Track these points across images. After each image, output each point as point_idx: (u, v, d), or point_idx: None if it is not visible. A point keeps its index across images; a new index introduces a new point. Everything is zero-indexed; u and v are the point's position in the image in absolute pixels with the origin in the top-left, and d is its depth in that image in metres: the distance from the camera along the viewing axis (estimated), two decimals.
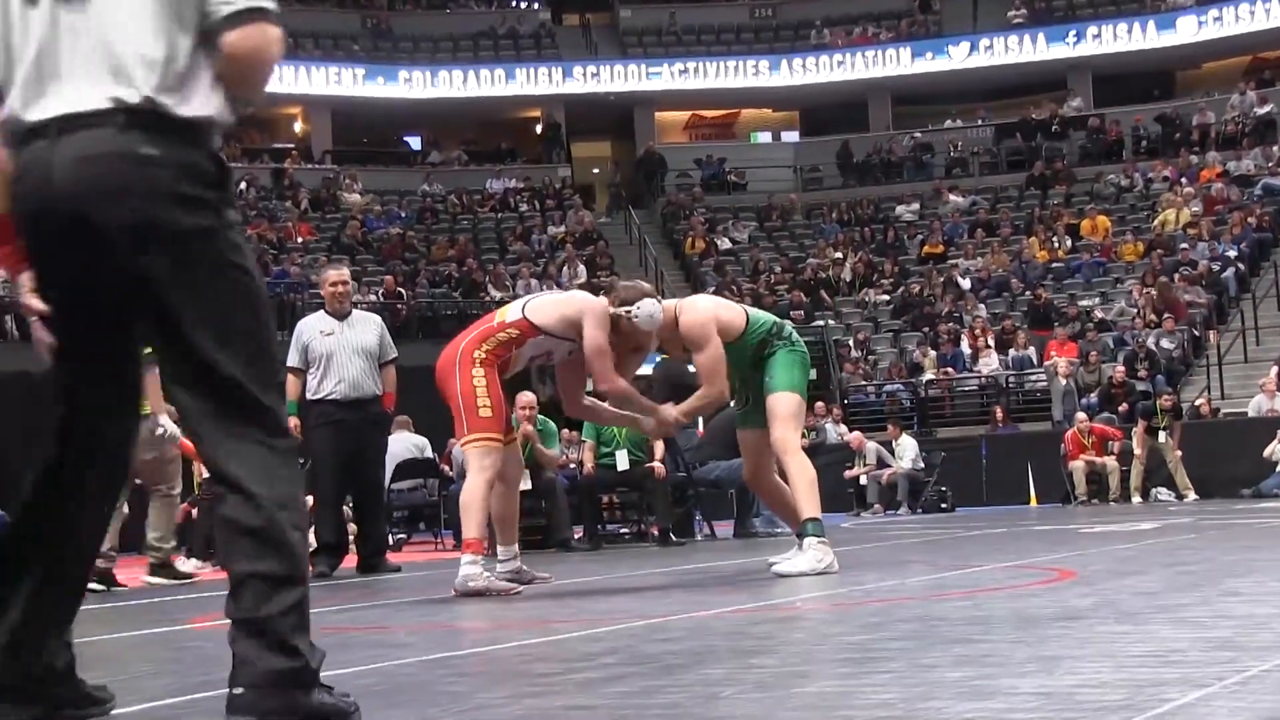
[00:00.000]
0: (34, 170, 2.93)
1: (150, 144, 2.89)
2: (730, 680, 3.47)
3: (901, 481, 19.31)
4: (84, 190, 2.87)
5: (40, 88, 2.95)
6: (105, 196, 2.86)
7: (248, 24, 2.95)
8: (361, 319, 10.09)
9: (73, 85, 2.93)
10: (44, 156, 2.91)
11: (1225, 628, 4.13)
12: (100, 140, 2.89)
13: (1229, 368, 22.27)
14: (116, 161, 2.87)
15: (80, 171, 2.87)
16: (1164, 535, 9.76)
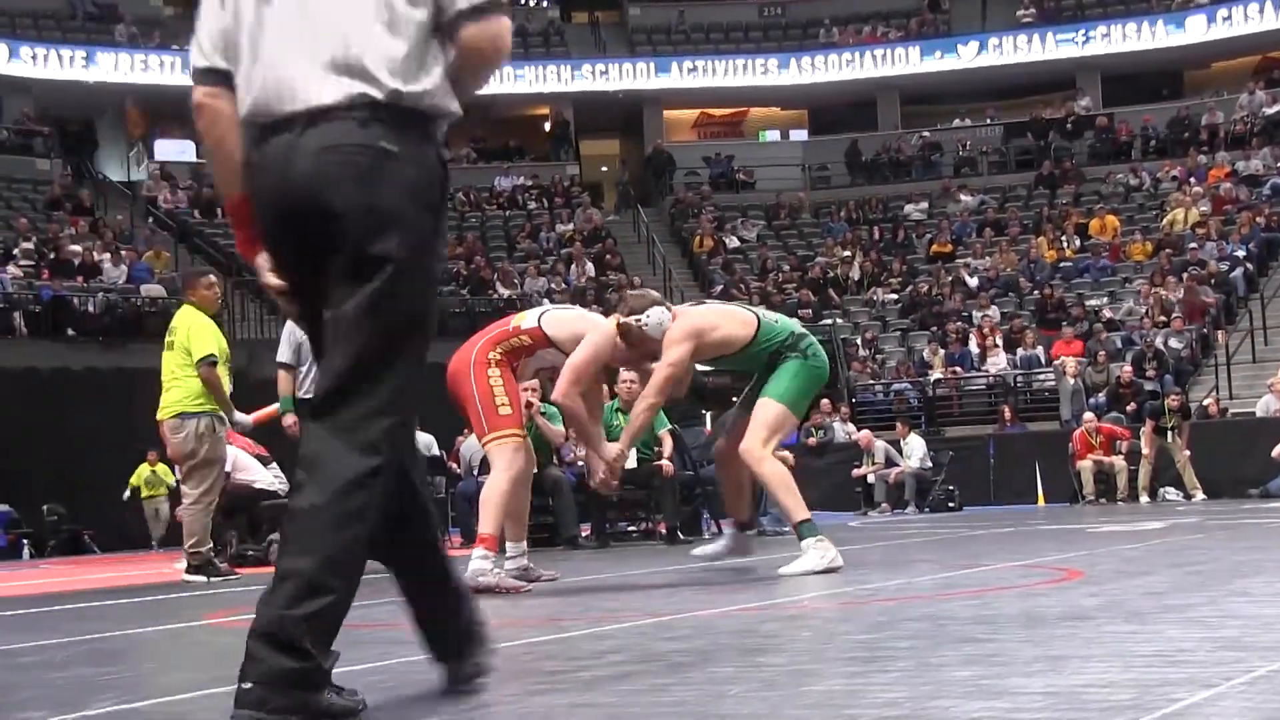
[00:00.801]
0: (277, 161, 3.05)
1: (389, 139, 3.02)
2: (737, 679, 3.48)
3: (909, 481, 19.31)
4: (325, 177, 2.99)
5: (282, 84, 3.07)
6: (345, 183, 2.99)
7: (486, 17, 3.08)
8: None
9: (314, 81, 3.04)
10: (288, 148, 3.03)
11: (1233, 628, 4.13)
12: (343, 133, 3.01)
13: (1237, 368, 22.24)
14: (358, 153, 3.00)
15: (322, 160, 3.00)
16: (1172, 535, 9.75)
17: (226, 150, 3.19)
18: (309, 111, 3.03)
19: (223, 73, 3.18)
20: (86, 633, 5.83)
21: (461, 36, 3.08)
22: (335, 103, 3.02)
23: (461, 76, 3.14)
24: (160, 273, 25.75)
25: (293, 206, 3.03)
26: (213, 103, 3.19)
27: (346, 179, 2.98)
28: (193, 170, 31.82)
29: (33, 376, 20.62)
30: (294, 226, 3.06)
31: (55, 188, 28.93)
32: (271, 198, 3.07)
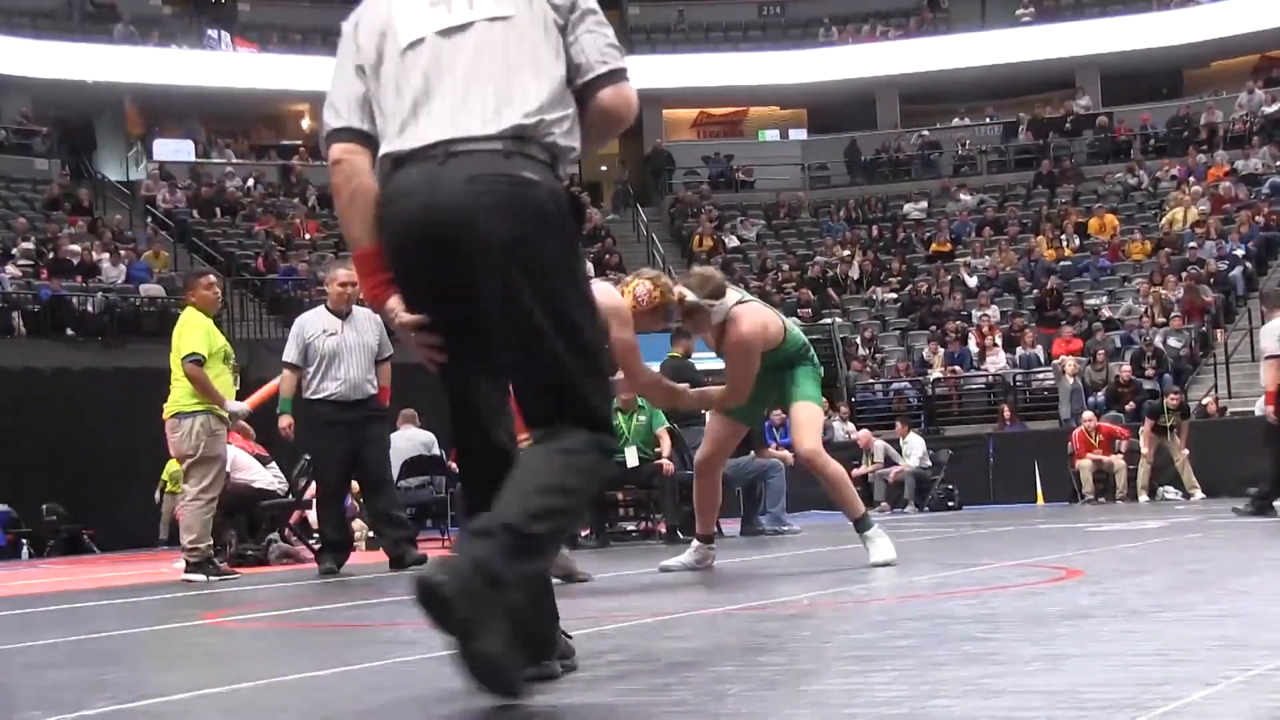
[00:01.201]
0: (418, 190, 3.18)
1: (530, 170, 3.17)
2: (738, 678, 3.47)
3: (908, 480, 19.32)
4: (472, 205, 3.13)
5: (423, 118, 3.23)
6: (491, 212, 3.12)
7: (620, 82, 3.34)
8: (363, 316, 9.86)
9: (458, 116, 3.20)
10: (430, 177, 3.17)
11: (1231, 626, 4.13)
12: (488, 163, 3.16)
13: (1236, 366, 22.24)
14: (502, 182, 3.15)
15: (469, 190, 3.13)
16: (1171, 534, 9.75)
17: (363, 201, 3.31)
18: (450, 141, 3.17)
19: (360, 132, 3.34)
20: (84, 632, 5.83)
21: (599, 98, 3.31)
22: (479, 134, 3.17)
23: (592, 132, 3.35)
24: (159, 272, 25.73)
25: (437, 233, 3.14)
26: (351, 157, 3.34)
27: (496, 208, 3.12)
28: (191, 170, 31.82)
29: (32, 376, 20.60)
30: (436, 254, 3.16)
31: (54, 187, 28.92)
32: (413, 225, 3.18)
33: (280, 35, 35.46)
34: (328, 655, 4.58)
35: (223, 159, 33.20)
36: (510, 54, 3.24)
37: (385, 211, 3.25)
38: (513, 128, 3.18)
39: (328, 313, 9.89)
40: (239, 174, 31.96)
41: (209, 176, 31.22)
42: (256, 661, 4.80)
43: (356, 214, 3.33)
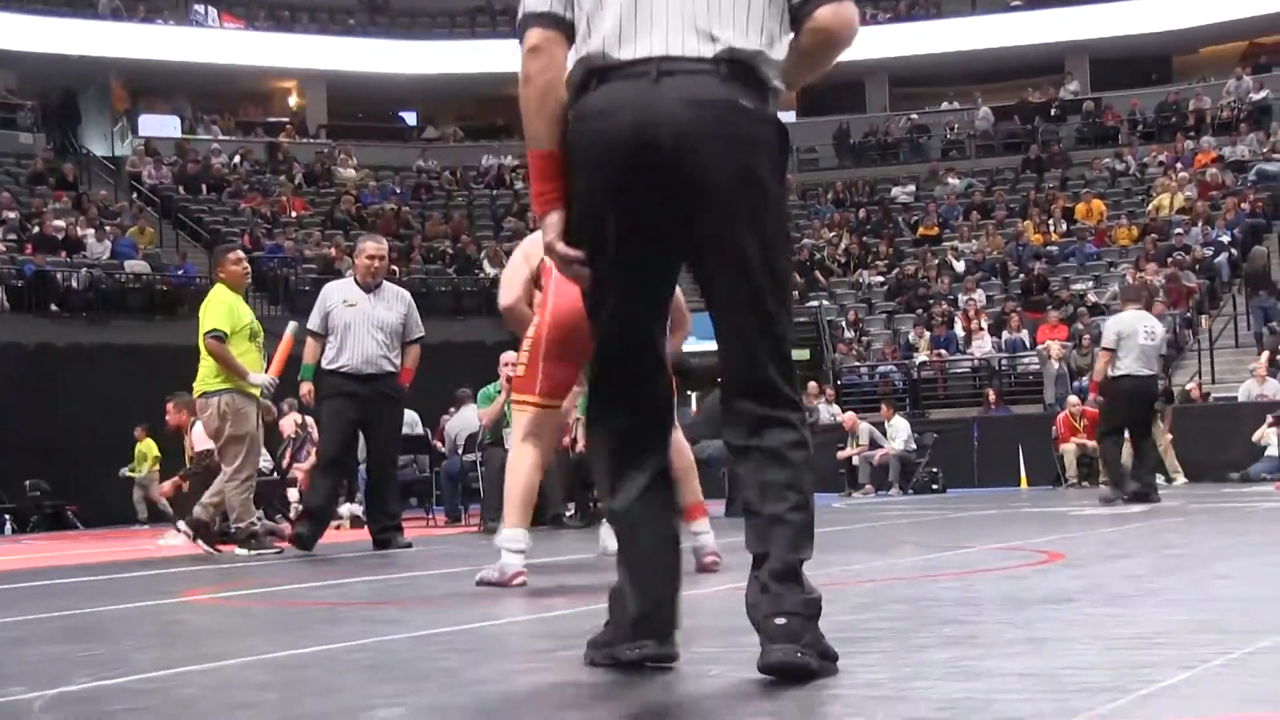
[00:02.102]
0: (629, 108, 3.01)
1: (747, 97, 3.03)
2: (720, 658, 3.48)
3: (893, 462, 19.35)
4: (692, 131, 2.98)
5: (634, 32, 3.05)
6: (716, 140, 2.98)
7: (840, 2, 3.11)
8: (391, 294, 9.75)
9: (670, 33, 3.03)
10: (643, 95, 3.00)
11: (1212, 610, 4.14)
12: (706, 86, 3.01)
13: (1220, 352, 22.30)
14: (724, 109, 3.00)
15: (691, 114, 2.98)
16: (1153, 518, 9.78)
17: (555, 98, 3.13)
18: (662, 59, 3.02)
19: (563, 20, 3.15)
20: (67, 608, 5.82)
21: (816, 16, 3.10)
22: (696, 55, 3.02)
23: (806, 59, 3.16)
24: (144, 249, 25.66)
25: (653, 157, 2.99)
26: (552, 46, 3.14)
27: (720, 136, 2.99)
28: (177, 146, 31.71)
29: (16, 352, 20.57)
30: (648, 178, 3.01)
31: (38, 162, 28.79)
32: (623, 145, 3.01)
33: (267, 12, 35.36)
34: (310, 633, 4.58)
35: (209, 135, 33.11)
36: None
37: (583, 126, 3.06)
38: (728, 50, 3.02)
39: (354, 284, 9.71)
40: (225, 150, 31.87)
41: (195, 153, 31.12)
42: (238, 639, 4.80)
43: (546, 110, 3.12)
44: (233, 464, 9.49)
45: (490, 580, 5.88)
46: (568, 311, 5.90)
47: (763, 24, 3.07)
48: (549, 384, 6.13)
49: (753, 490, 3.09)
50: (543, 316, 6.11)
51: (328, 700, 3.08)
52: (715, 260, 3.08)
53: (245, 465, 9.44)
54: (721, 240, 3.04)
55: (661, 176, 3.00)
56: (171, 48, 32.93)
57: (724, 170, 2.99)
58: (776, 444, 3.05)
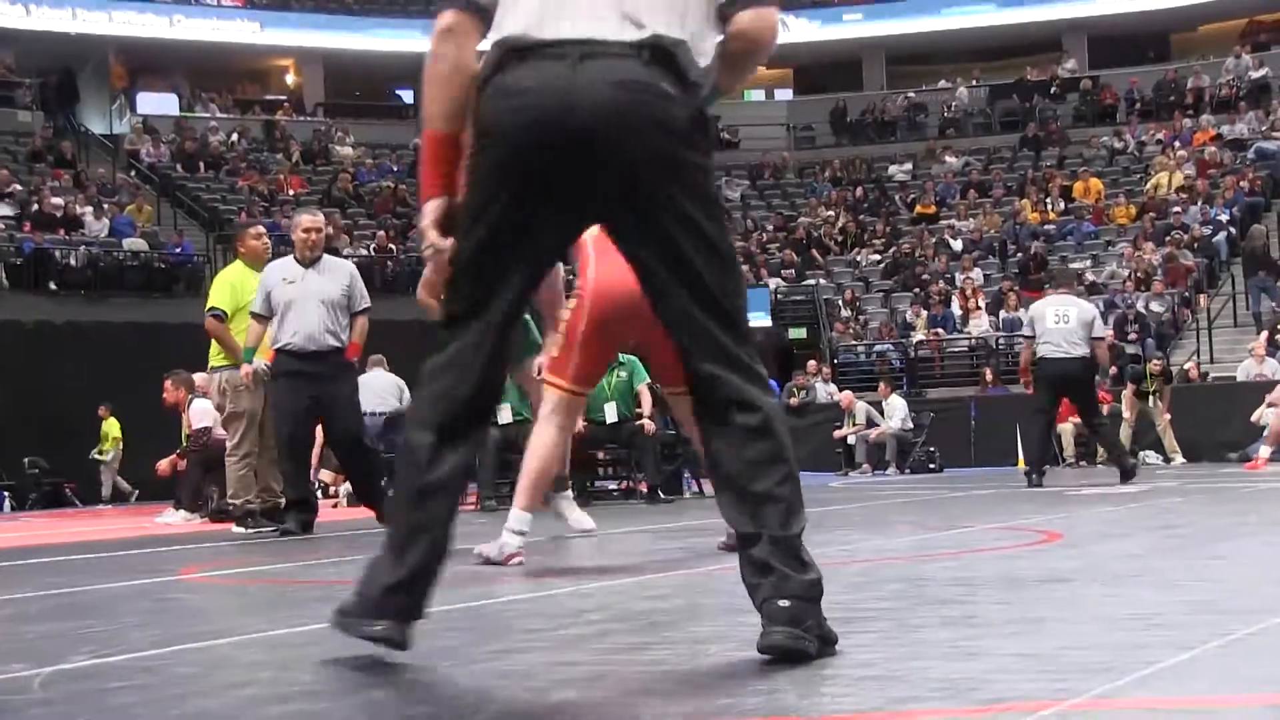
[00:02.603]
0: (548, 86, 2.98)
1: (669, 83, 3.00)
2: (717, 637, 3.48)
3: (890, 442, 19.36)
4: (612, 111, 2.95)
5: (557, 14, 3.03)
6: (633, 120, 2.96)
7: (760, 6, 3.11)
8: (332, 267, 9.43)
9: (594, 17, 3.02)
10: (564, 75, 2.98)
11: (1210, 591, 4.15)
12: (627, 69, 2.98)
13: (1218, 332, 22.31)
14: (644, 91, 2.98)
15: (611, 94, 2.96)
16: (1150, 499, 9.79)
17: (459, 80, 3.10)
18: (586, 41, 2.99)
19: (479, 4, 3.13)
20: (65, 586, 5.82)
21: (737, 19, 3.10)
22: (618, 39, 2.99)
23: (728, 61, 3.15)
24: (142, 226, 25.64)
25: (577, 138, 2.95)
26: (464, 28, 3.11)
27: (647, 119, 2.97)
28: (175, 124, 31.65)
29: (14, 329, 20.56)
30: (570, 160, 2.98)
31: (37, 140, 28.74)
32: (545, 126, 2.97)
33: None
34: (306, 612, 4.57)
35: (207, 113, 33.04)
36: None
37: (500, 103, 3.01)
38: (652, 37, 3.00)
39: (293, 261, 9.33)
40: (223, 129, 31.81)
41: (193, 131, 31.06)
42: (235, 617, 4.80)
43: (448, 91, 3.10)
44: (231, 441, 9.53)
45: (488, 556, 5.85)
46: (609, 297, 5.80)
47: (688, 17, 3.06)
48: (581, 372, 6.01)
49: (736, 466, 3.06)
50: (582, 301, 5.93)
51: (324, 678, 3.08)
52: (642, 242, 3.08)
53: (243, 442, 9.45)
54: (646, 221, 3.03)
55: (578, 155, 2.98)
56: (170, 26, 32.85)
57: (643, 150, 2.97)
58: (755, 419, 3.04)
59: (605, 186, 3.01)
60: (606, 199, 3.04)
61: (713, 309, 3.05)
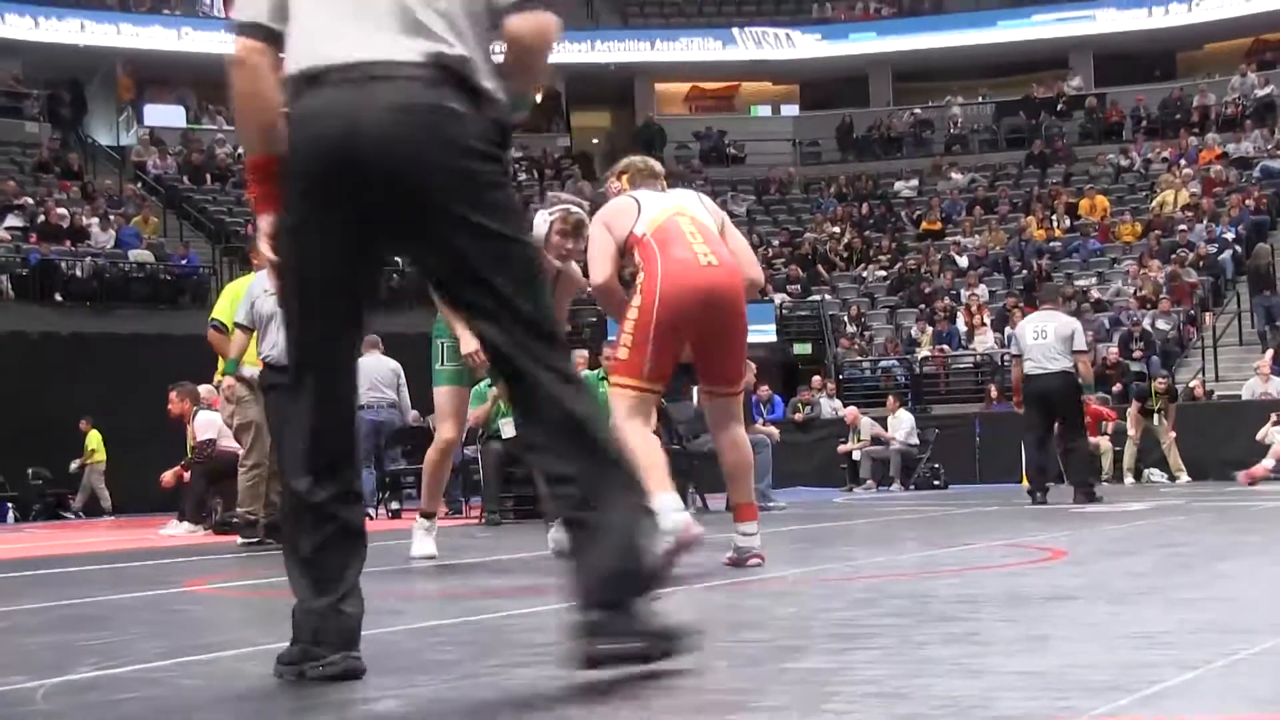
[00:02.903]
0: (336, 113, 3.02)
1: (456, 100, 3.04)
2: (721, 654, 3.47)
3: (894, 458, 19.35)
4: (399, 137, 2.99)
5: (344, 37, 3.06)
6: (421, 145, 3.00)
7: (531, 10, 3.12)
8: None
9: (379, 38, 3.05)
10: (351, 100, 3.01)
11: (1215, 610, 4.14)
12: (413, 91, 3.02)
13: (1224, 350, 22.28)
14: (431, 113, 3.01)
15: (395, 119, 2.99)
16: (1155, 516, 9.77)
17: (261, 109, 3.15)
18: (370, 64, 3.03)
19: (270, 30, 3.16)
20: (68, 598, 5.82)
21: (508, 25, 3.13)
22: (404, 59, 3.03)
23: (507, 67, 3.18)
24: (148, 238, 25.67)
25: (360, 163, 3.00)
26: (258, 58, 3.15)
27: (428, 141, 3.00)
28: (182, 136, 31.70)
29: (19, 340, 20.58)
30: (356, 184, 3.02)
31: (44, 151, 28.80)
32: (332, 152, 3.02)
33: None
34: None
35: (213, 125, 33.08)
36: None
37: (296, 132, 3.08)
38: (436, 56, 3.04)
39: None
40: (229, 140, 31.85)
41: (199, 143, 31.10)
42: (240, 629, 4.80)
43: (254, 121, 3.16)
44: (242, 452, 9.54)
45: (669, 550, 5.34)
46: (677, 291, 5.75)
47: (470, 31, 3.10)
48: (656, 370, 5.87)
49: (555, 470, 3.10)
50: (650, 296, 5.80)
51: (327, 691, 3.08)
52: (443, 265, 3.13)
53: (252, 452, 9.42)
54: (443, 244, 3.07)
55: (369, 181, 3.01)
56: (178, 39, 32.93)
57: (433, 172, 3.01)
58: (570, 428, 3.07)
59: (400, 210, 3.05)
60: (404, 222, 3.07)
61: (522, 321, 3.08)
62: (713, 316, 5.87)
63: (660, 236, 5.93)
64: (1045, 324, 12.64)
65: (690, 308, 5.79)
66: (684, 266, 5.82)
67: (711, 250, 5.94)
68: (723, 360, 6.04)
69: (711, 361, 6.06)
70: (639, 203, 6.09)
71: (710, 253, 5.92)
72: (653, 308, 5.79)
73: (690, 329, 5.92)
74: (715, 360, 6.03)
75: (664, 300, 5.78)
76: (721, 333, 5.96)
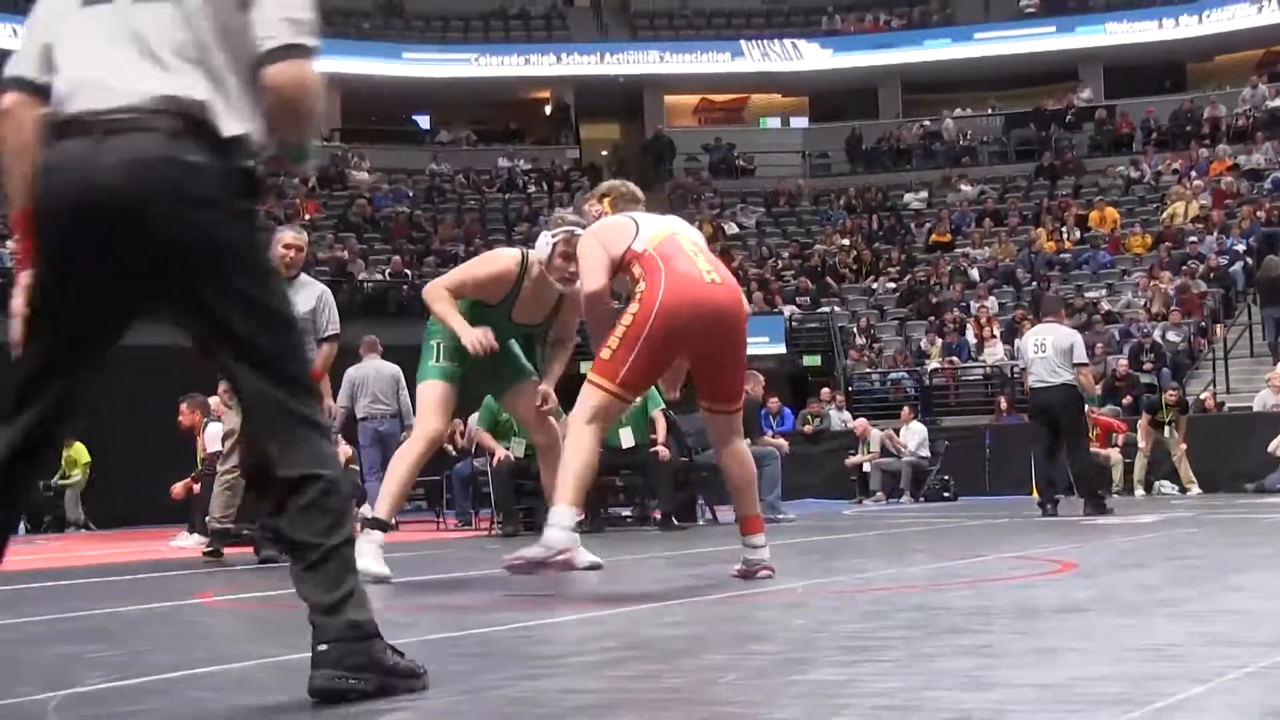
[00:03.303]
0: (75, 167, 2.96)
1: (196, 151, 2.96)
2: (730, 666, 3.47)
3: (904, 469, 19.33)
4: (133, 192, 2.92)
5: (85, 86, 3.01)
6: (154, 199, 2.93)
7: (292, 59, 3.04)
8: (304, 285, 8.96)
9: (121, 82, 2.99)
10: (87, 154, 2.96)
11: (1226, 623, 4.13)
12: (149, 144, 2.95)
13: (1235, 362, 22.24)
14: (166, 166, 2.94)
15: (130, 174, 2.93)
16: (1166, 529, 9.76)
17: (26, 161, 3.10)
18: (110, 114, 2.96)
19: (34, 83, 3.13)
20: (78, 610, 5.82)
21: (264, 75, 3.04)
22: (142, 109, 2.96)
23: (274, 118, 3.09)
24: None
25: (96, 218, 2.94)
26: (21, 110, 3.12)
27: (164, 198, 2.93)
28: None
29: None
30: (92, 240, 2.96)
31: None
32: (70, 206, 2.96)
33: None
34: None
35: None
36: (196, 25, 3.02)
37: (39, 185, 3.02)
38: (174, 102, 2.96)
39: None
40: None
41: None
42: (247, 642, 4.80)
43: (19, 171, 3.11)
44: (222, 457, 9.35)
45: (532, 558, 5.52)
46: (679, 303, 5.70)
47: (214, 72, 3.02)
48: (633, 377, 5.77)
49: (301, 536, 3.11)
50: (650, 304, 5.71)
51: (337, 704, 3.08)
52: (193, 320, 3.10)
53: (228, 459, 9.21)
54: (193, 299, 3.03)
55: (107, 241, 2.95)
56: None
57: (171, 229, 2.94)
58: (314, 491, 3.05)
59: (142, 269, 2.99)
60: (148, 280, 3.02)
61: (278, 377, 3.06)
62: (714, 333, 5.85)
63: (664, 251, 5.91)
64: (1046, 337, 12.66)
65: (691, 322, 5.75)
66: (688, 281, 5.80)
67: (714, 268, 5.95)
68: (723, 377, 6.02)
69: (712, 379, 6.03)
70: (637, 222, 6.09)
71: (713, 270, 5.92)
72: (649, 317, 5.71)
73: (689, 344, 5.88)
74: (716, 377, 6.00)
75: (664, 310, 5.72)
76: (722, 350, 5.95)
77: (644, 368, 5.79)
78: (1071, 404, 12.57)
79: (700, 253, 6.01)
